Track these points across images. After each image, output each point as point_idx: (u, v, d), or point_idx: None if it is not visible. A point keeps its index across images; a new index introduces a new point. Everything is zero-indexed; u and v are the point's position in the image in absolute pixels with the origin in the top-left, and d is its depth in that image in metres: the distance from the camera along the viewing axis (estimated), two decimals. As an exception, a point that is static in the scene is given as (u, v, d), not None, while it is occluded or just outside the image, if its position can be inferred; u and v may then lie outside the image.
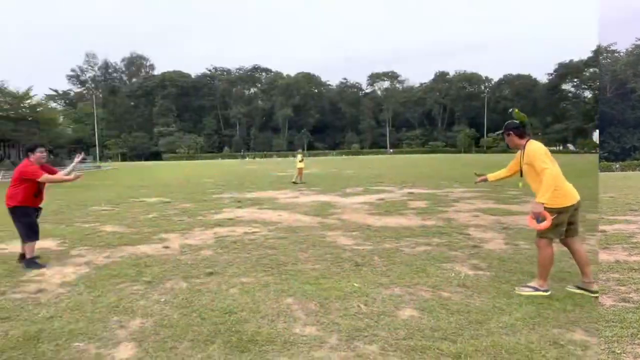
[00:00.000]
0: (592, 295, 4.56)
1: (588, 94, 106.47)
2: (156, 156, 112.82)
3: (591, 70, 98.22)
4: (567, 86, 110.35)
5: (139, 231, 8.97)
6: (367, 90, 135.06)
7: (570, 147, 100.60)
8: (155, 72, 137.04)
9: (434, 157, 71.01)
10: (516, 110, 5.11)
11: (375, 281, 5.23)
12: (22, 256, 6.44)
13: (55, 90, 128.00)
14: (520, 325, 3.86)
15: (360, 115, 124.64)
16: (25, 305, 4.64)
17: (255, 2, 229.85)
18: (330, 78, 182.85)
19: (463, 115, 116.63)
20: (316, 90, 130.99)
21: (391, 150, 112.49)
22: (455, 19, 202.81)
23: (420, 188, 17.31)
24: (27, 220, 6.42)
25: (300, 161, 22.14)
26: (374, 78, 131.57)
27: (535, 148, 4.72)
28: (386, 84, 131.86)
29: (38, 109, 48.47)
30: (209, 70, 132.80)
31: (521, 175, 5.03)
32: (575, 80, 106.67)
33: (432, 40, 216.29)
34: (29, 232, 6.41)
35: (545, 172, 4.50)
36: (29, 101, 46.97)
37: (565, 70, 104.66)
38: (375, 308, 4.35)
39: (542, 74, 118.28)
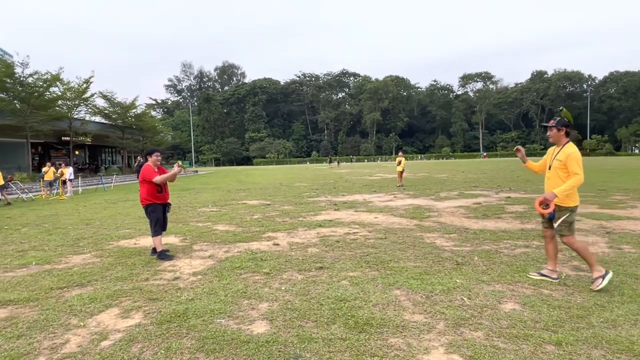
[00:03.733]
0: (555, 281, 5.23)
1: None
2: (247, 161, 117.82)
3: None
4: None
5: (248, 230, 9.79)
6: (458, 92, 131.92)
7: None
8: (246, 80, 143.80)
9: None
10: (564, 110, 5.43)
11: (476, 278, 5.51)
12: (154, 250, 7.41)
13: (155, 100, 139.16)
14: (621, 321, 4.04)
15: (451, 118, 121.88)
16: (168, 290, 5.44)
17: (342, 8, 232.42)
18: (420, 80, 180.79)
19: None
20: (405, 93, 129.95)
21: (484, 154, 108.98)
22: (553, 13, 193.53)
23: (518, 192, 16.94)
24: (154, 216, 7.33)
25: (397, 164, 22.38)
26: (466, 79, 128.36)
27: (575, 152, 5.09)
28: (479, 84, 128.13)
29: (142, 118, 51.89)
30: (298, 77, 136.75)
31: (549, 168, 5.36)
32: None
33: (528, 37, 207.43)
34: (156, 225, 7.31)
35: (576, 176, 4.94)
36: (134, 110, 50.41)
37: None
38: (478, 301, 4.67)
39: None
